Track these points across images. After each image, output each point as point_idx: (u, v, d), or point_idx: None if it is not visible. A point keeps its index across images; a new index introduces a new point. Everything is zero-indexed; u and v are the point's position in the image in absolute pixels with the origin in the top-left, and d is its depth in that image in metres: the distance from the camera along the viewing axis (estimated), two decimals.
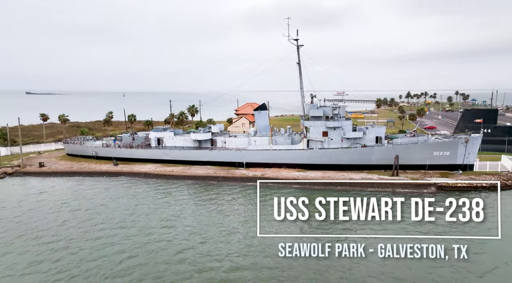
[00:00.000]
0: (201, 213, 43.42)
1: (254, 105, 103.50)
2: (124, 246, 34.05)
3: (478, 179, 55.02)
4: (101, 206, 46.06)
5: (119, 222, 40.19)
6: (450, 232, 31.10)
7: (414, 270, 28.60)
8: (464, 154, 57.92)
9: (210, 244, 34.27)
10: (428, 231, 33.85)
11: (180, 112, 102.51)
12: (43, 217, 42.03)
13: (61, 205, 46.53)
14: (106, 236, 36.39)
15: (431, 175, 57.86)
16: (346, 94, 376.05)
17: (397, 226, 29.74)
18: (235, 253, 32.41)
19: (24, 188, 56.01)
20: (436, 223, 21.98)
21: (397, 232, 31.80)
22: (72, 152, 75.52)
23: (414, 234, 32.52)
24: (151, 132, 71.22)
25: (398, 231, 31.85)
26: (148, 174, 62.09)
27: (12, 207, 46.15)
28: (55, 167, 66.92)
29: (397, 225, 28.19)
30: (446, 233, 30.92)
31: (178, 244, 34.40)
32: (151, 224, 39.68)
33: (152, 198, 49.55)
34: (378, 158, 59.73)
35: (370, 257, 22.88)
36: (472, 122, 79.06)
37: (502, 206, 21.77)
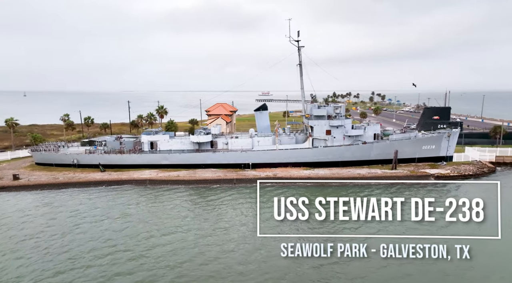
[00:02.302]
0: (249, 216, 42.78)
1: (225, 106, 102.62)
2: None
3: (462, 169, 63.34)
4: (154, 227, 42.19)
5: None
6: (451, 232, 27.26)
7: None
8: (447, 147, 65.95)
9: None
10: (429, 231, 32.02)
11: (149, 114, 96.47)
12: (82, 243, 37.26)
13: (90, 228, 41.51)
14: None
15: (423, 166, 64.77)
16: (271, 94, 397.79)
17: (398, 225, 27.90)
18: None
19: (16, 207, 48.22)
20: (436, 224, 21.77)
21: (398, 232, 31.06)
22: (43, 160, 66.57)
23: (416, 234, 30.53)
24: (143, 136, 66.43)
25: (399, 230, 31.14)
26: (153, 181, 58.18)
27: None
28: (34, 179, 58.55)
29: (398, 225, 25.94)
30: (447, 233, 28.69)
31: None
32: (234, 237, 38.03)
33: (187, 207, 46.99)
34: (376, 154, 64.73)
35: (373, 257, 21.75)
36: (431, 119, 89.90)
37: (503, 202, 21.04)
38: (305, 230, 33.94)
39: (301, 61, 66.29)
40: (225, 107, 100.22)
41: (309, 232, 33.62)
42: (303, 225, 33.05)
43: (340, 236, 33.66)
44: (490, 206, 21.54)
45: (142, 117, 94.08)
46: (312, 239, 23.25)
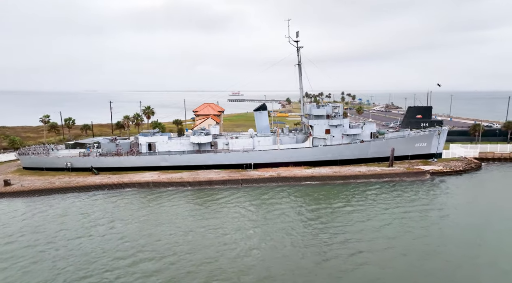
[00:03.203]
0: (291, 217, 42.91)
1: (212, 106, 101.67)
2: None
3: (452, 165, 66.75)
4: (189, 231, 41.04)
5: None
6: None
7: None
8: (437, 144, 69.26)
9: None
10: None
11: (136, 115, 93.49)
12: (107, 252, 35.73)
13: (113, 232, 39.88)
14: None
15: (416, 163, 67.63)
16: (241, 94, 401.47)
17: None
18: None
19: (22, 213, 45.35)
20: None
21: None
22: (33, 164, 62.97)
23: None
24: (141, 137, 64.48)
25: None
26: (157, 183, 56.71)
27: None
28: (28, 184, 55.30)
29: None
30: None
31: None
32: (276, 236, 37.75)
33: (201, 209, 46.31)
34: (373, 152, 66.82)
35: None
36: (415, 118, 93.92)
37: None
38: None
39: (300, 61, 67.09)
40: (213, 108, 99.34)
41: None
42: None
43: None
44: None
45: (128, 118, 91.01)
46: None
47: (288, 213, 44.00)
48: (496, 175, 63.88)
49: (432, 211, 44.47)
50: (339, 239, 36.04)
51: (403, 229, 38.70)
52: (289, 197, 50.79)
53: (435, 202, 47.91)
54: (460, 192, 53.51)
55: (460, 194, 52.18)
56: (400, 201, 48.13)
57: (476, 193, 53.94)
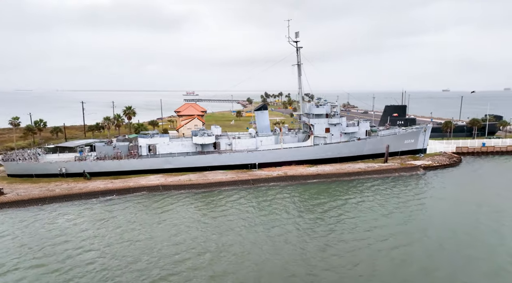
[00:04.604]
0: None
1: (195, 106, 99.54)
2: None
3: (438, 160, 71.90)
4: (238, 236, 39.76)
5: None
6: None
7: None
8: (423, 140, 74.16)
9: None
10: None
11: (116, 116, 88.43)
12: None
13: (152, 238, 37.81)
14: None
15: (406, 159, 71.86)
16: (196, 94, 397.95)
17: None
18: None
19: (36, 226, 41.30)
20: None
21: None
22: (20, 171, 57.52)
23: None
24: (140, 139, 61.55)
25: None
26: (167, 186, 54.58)
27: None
28: (24, 193, 50.50)
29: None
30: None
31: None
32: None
33: (229, 210, 45.50)
34: (368, 149, 69.94)
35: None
36: (391, 116, 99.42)
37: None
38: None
39: (299, 61, 68.18)
40: (196, 108, 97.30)
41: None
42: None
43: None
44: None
45: (109, 119, 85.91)
46: None
47: (318, 209, 44.82)
48: (476, 167, 69.95)
49: (442, 201, 47.93)
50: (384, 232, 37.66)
51: (425, 215, 41.60)
52: (305, 194, 51.67)
53: (445, 193, 51.65)
54: (456, 182, 58.15)
55: (457, 184, 56.83)
56: (410, 193, 51.27)
57: (470, 180, 58.99)
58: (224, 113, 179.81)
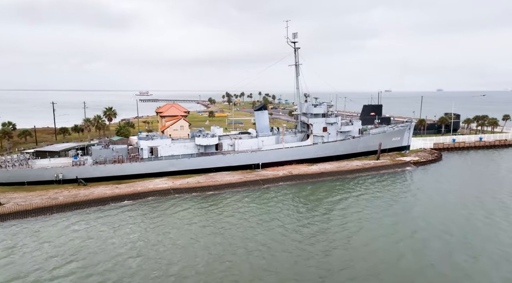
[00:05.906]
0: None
1: (177, 106, 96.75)
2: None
3: (422, 155, 76.69)
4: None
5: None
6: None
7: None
8: (408, 138, 78.63)
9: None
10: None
11: (96, 117, 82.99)
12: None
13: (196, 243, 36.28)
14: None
15: (395, 155, 75.80)
16: (150, 94, 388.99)
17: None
18: None
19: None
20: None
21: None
22: (10, 179, 52.28)
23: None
24: (141, 141, 58.66)
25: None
26: (177, 189, 52.74)
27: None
28: (24, 203, 46.03)
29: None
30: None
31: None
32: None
33: (256, 212, 45.11)
34: (361, 147, 72.78)
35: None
36: (369, 115, 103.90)
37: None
38: None
39: (297, 62, 69.05)
40: (178, 108, 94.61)
41: None
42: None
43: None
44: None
45: (89, 120, 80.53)
46: None
47: (340, 205, 46.00)
48: (457, 160, 75.78)
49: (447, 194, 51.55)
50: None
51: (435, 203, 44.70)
52: (317, 193, 52.75)
53: (443, 185, 55.45)
54: (447, 175, 62.69)
55: (448, 175, 61.35)
56: (411, 186, 54.58)
57: (457, 173, 63.83)
58: (193, 114, 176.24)
